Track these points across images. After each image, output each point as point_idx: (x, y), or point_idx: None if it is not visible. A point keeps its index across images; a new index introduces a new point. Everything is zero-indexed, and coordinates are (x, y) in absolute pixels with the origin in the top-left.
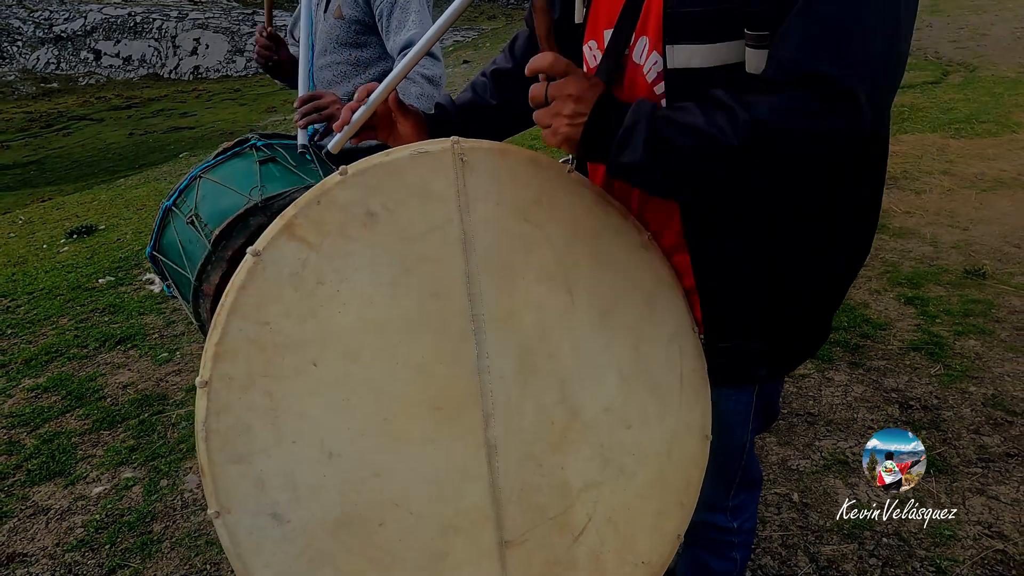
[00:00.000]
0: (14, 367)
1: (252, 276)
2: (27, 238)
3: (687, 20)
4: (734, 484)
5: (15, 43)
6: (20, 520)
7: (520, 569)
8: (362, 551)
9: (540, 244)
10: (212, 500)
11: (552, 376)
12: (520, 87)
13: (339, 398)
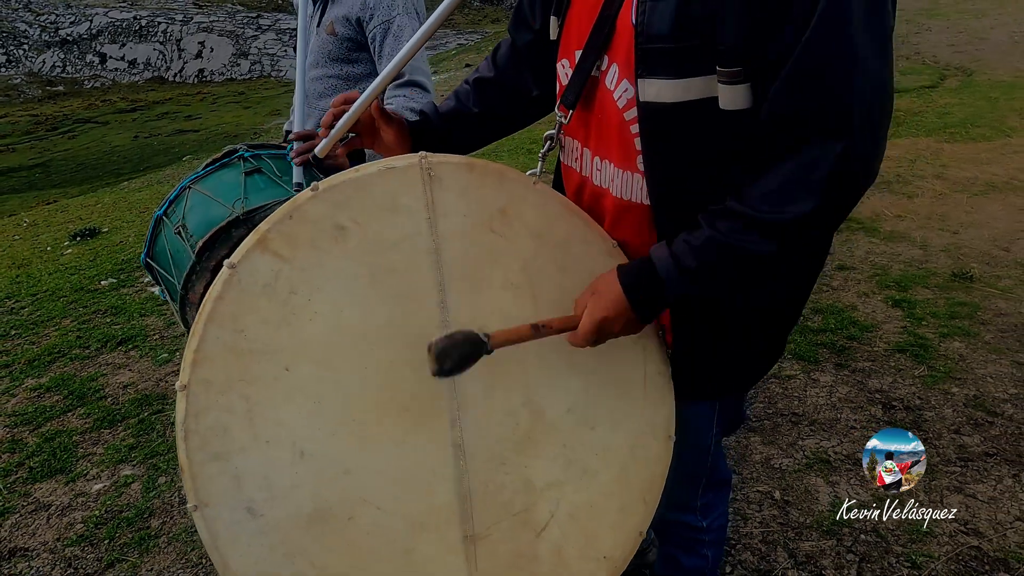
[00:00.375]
0: (17, 367)
1: (228, 287)
2: (31, 240)
3: (657, 55)
4: (701, 485)
5: (21, 46)
6: (22, 516)
7: (485, 562)
8: (333, 545)
9: (506, 253)
10: (191, 495)
11: (517, 380)
12: (501, 96)
13: (311, 401)
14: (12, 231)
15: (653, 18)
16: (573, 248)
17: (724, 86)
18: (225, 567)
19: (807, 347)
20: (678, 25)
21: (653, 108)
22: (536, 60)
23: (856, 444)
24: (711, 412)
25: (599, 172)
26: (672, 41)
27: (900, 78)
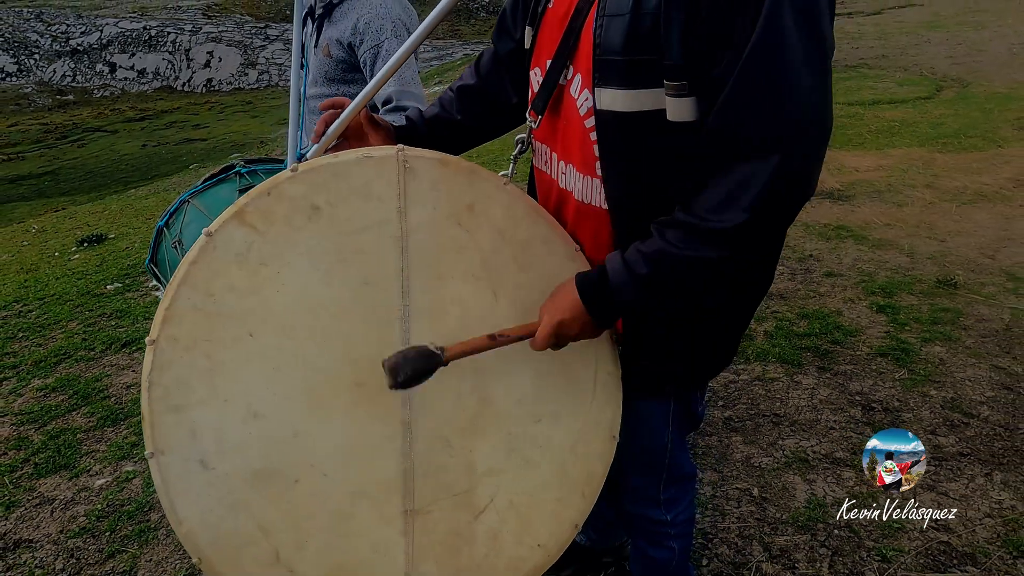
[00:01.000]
0: (24, 368)
1: (203, 253)
2: (40, 246)
3: (611, 66)
4: (662, 479)
5: (32, 56)
6: (27, 509)
7: (422, 537)
8: (276, 503)
9: (469, 247)
10: (149, 442)
11: (470, 367)
12: (483, 103)
13: (270, 367)
14: (21, 237)
15: (608, 33)
16: (534, 248)
17: (671, 98)
18: (172, 511)
19: (791, 351)
20: (629, 41)
21: (607, 116)
22: (516, 68)
23: (834, 444)
24: (665, 411)
25: (564, 176)
26: (624, 54)
27: (897, 89)
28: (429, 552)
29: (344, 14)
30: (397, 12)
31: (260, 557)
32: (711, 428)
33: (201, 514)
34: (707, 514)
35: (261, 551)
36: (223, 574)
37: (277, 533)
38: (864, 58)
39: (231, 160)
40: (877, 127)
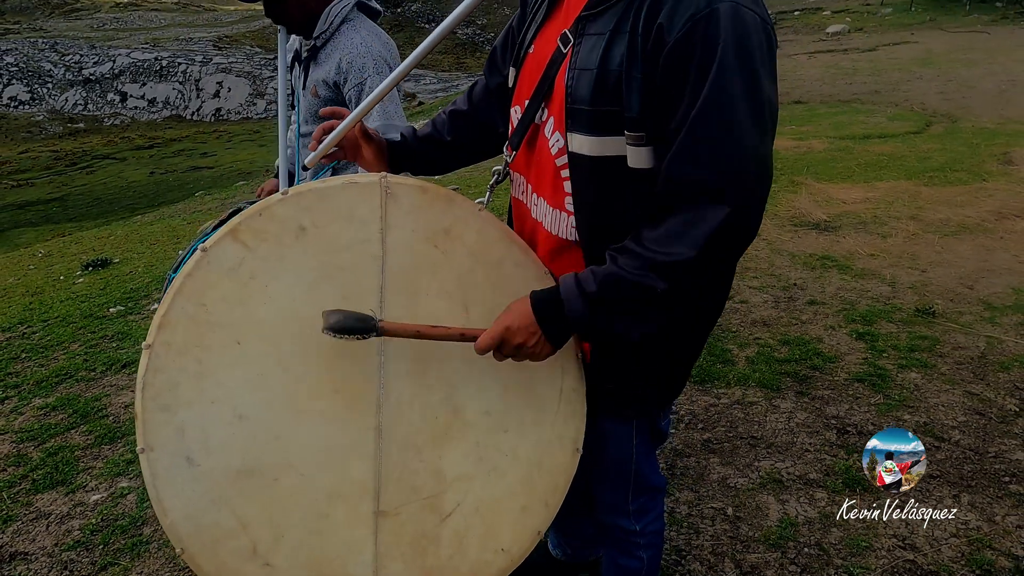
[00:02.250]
0: (26, 387)
1: (198, 267)
2: (45, 270)
3: (580, 114)
4: (629, 491)
5: (45, 85)
6: (23, 523)
7: (390, 537)
8: (256, 500)
9: (444, 267)
10: (140, 439)
11: (441, 379)
12: (473, 127)
13: (255, 372)
14: (27, 261)
15: (578, 84)
16: (506, 269)
17: (631, 147)
18: (159, 503)
19: (771, 376)
20: (596, 93)
21: (577, 158)
22: (504, 100)
23: (808, 466)
24: (628, 429)
25: (536, 207)
26: (591, 105)
27: (887, 124)
28: (397, 552)
29: (328, 55)
30: (378, 49)
31: (239, 550)
32: (689, 449)
33: (185, 507)
34: (682, 532)
35: (240, 544)
36: (203, 565)
37: (256, 528)
38: (857, 93)
39: (238, 205)
40: (866, 161)
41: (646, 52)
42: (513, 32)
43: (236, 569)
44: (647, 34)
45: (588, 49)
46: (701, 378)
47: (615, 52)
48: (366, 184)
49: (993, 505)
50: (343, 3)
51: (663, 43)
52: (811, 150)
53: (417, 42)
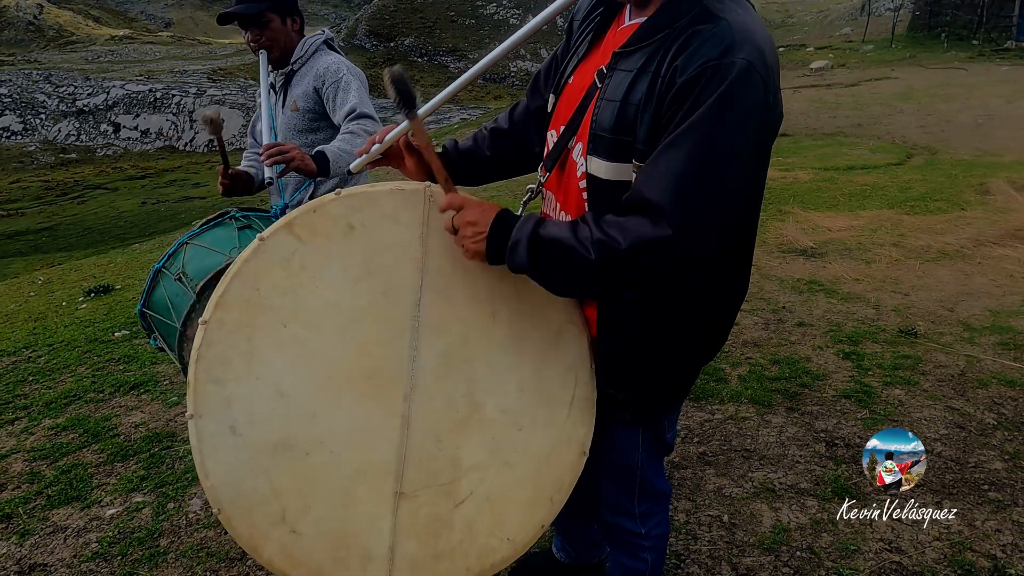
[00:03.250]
0: (35, 409)
1: (255, 254)
2: (47, 297)
3: (601, 140)
4: (635, 495)
5: (39, 116)
6: (40, 537)
7: (407, 517)
8: (289, 472)
9: (477, 274)
10: (191, 406)
11: (464, 376)
12: (511, 145)
13: (297, 354)
14: (27, 288)
15: (602, 113)
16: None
17: (637, 175)
18: (202, 466)
19: (762, 393)
20: (616, 123)
21: (594, 179)
22: (542, 123)
23: (799, 476)
24: (636, 437)
25: None
26: (611, 133)
27: (870, 156)
28: (412, 531)
29: (303, 75)
30: (348, 63)
31: (270, 515)
32: (686, 462)
33: (226, 472)
34: (680, 538)
35: (271, 510)
36: (237, 527)
37: (286, 497)
38: (841, 127)
39: (227, 210)
40: (850, 191)
41: (660, 91)
42: (557, 60)
43: (265, 532)
44: (666, 75)
45: (617, 83)
46: (696, 395)
47: (638, 88)
48: (412, 191)
49: (973, 511)
50: (315, 38)
51: (674, 84)
52: (797, 180)
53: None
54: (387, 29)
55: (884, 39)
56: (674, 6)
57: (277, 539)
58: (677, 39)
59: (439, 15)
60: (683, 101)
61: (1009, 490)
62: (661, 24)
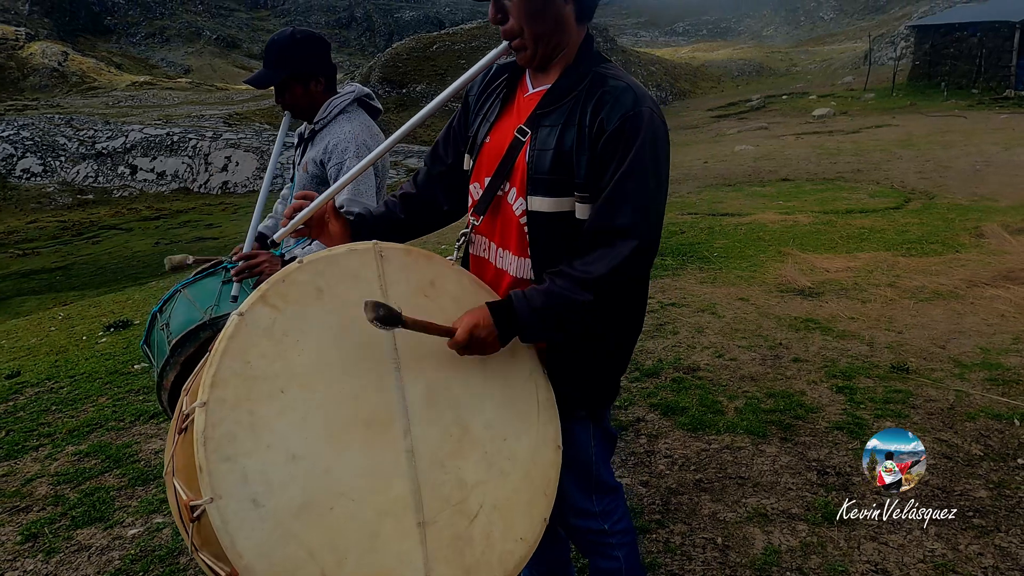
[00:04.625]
0: (59, 436)
1: (238, 329)
2: (67, 331)
3: (540, 181)
4: (593, 491)
5: (58, 158)
6: (65, 555)
7: (433, 543)
8: (317, 529)
9: (435, 311)
10: (207, 490)
11: (449, 402)
12: (421, 207)
13: (299, 416)
14: (48, 323)
15: (539, 161)
16: None
17: (579, 204)
18: (232, 548)
19: (758, 424)
20: (553, 166)
21: (536, 215)
22: (445, 184)
23: (791, 502)
24: (588, 430)
25: (501, 259)
26: (549, 175)
27: (868, 200)
28: (441, 555)
29: (322, 138)
30: (363, 137)
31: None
32: (683, 488)
33: (258, 547)
34: (676, 559)
35: (310, 571)
36: None
37: (321, 554)
38: (841, 172)
39: (221, 257)
40: (848, 233)
41: (591, 137)
42: (454, 130)
43: None
44: (591, 126)
45: (545, 136)
46: (693, 426)
47: (568, 138)
48: (363, 250)
49: (958, 536)
50: (342, 97)
51: (603, 131)
52: (797, 223)
53: None
54: (400, 76)
55: (885, 87)
56: (571, 74)
57: None
58: (589, 99)
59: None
60: (618, 144)
61: (993, 517)
62: (565, 88)
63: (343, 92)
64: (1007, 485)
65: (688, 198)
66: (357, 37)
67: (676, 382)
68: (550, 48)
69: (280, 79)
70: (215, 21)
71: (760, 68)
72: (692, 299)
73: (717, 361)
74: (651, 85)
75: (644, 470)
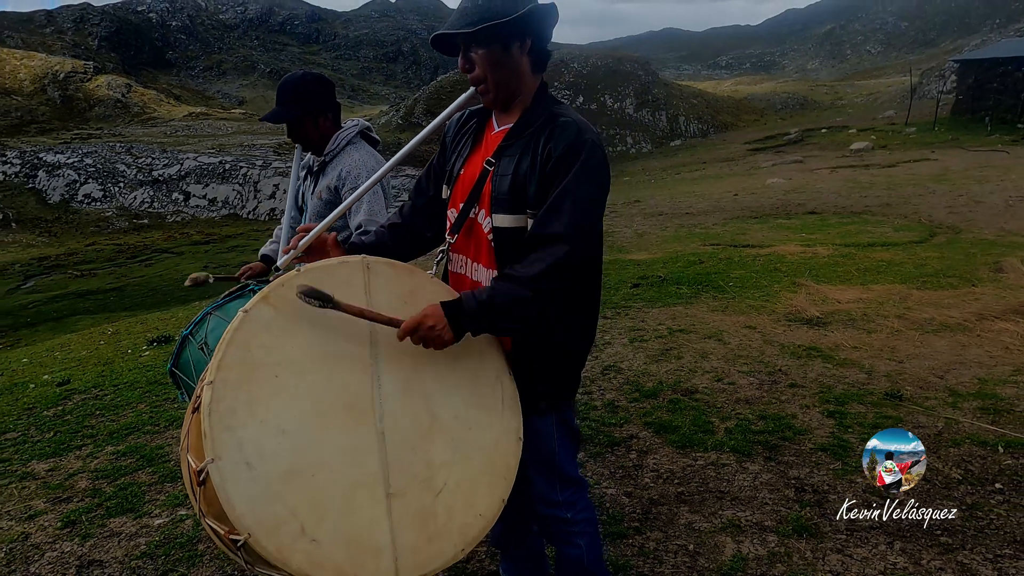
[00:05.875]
0: (100, 438)
1: (242, 323)
2: (114, 345)
3: (502, 202)
4: (557, 481)
5: (117, 184)
6: (98, 540)
7: (400, 512)
8: (300, 492)
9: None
10: (209, 451)
11: (421, 394)
12: (406, 235)
13: (290, 397)
14: (98, 338)
15: (501, 185)
16: None
17: (530, 220)
18: (228, 501)
19: (744, 443)
20: (511, 188)
21: (500, 230)
22: (428, 213)
23: (765, 515)
24: (550, 422)
25: (475, 272)
26: (508, 196)
27: (892, 234)
28: (407, 523)
29: (333, 167)
30: (372, 164)
31: (291, 531)
32: (663, 499)
33: (248, 502)
34: (648, 562)
35: (292, 527)
36: (266, 546)
37: (302, 513)
38: (869, 205)
39: (247, 282)
40: (866, 266)
41: (541, 163)
42: (434, 168)
43: (291, 546)
44: (543, 154)
45: (506, 165)
46: (683, 443)
47: (523, 165)
48: (354, 263)
49: (922, 552)
50: (348, 131)
51: (551, 158)
52: (815, 255)
53: None
54: (442, 108)
55: (927, 122)
56: (530, 114)
57: (302, 550)
58: (541, 134)
59: None
60: (560, 166)
61: (960, 536)
62: (524, 125)
63: (347, 126)
64: (980, 507)
65: (713, 229)
66: (403, 71)
67: (673, 403)
68: (509, 92)
69: (295, 116)
70: (269, 55)
71: (804, 102)
72: (701, 326)
73: (716, 384)
74: (692, 118)
75: (630, 482)
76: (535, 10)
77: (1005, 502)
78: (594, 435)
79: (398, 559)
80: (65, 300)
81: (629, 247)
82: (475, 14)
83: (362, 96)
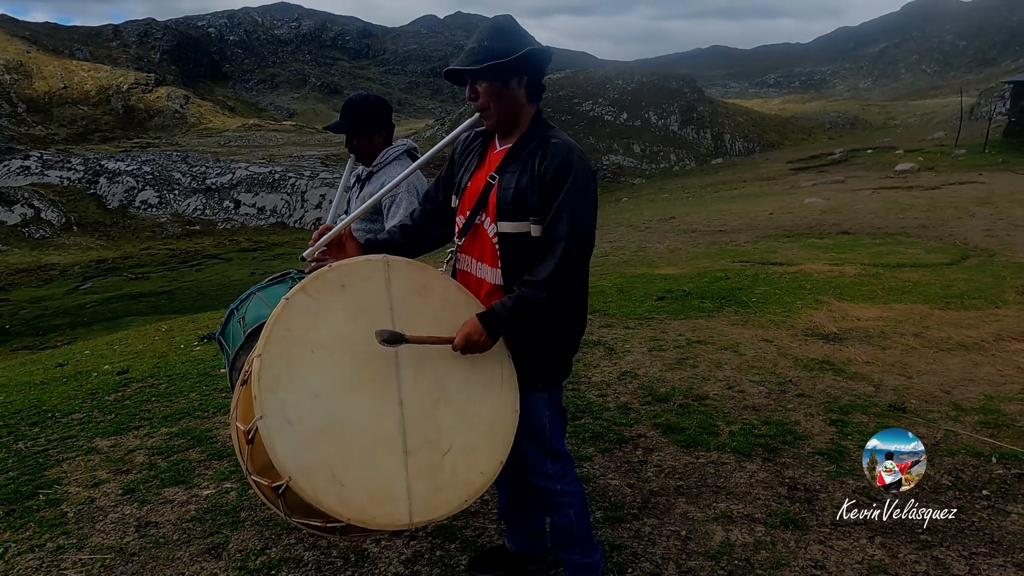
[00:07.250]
0: (156, 420)
1: (284, 309)
2: (168, 340)
3: (506, 211)
4: (547, 454)
5: (172, 191)
6: (154, 505)
7: (413, 466)
8: (332, 445)
9: (427, 306)
10: (258, 410)
11: (433, 371)
12: (417, 236)
13: (323, 369)
14: (153, 334)
15: (504, 197)
16: (460, 308)
17: (533, 226)
18: (272, 451)
19: (746, 445)
20: (513, 199)
21: (504, 235)
22: (436, 218)
23: (756, 508)
24: (542, 400)
25: (480, 270)
26: (511, 206)
27: (924, 255)
28: (419, 475)
29: (379, 178)
30: (412, 179)
31: (324, 476)
32: (663, 491)
33: (290, 452)
34: (641, 543)
35: (325, 473)
36: (304, 488)
37: (333, 462)
38: (905, 227)
39: (287, 271)
40: (891, 286)
41: (539, 178)
42: (443, 180)
43: (324, 488)
44: (539, 170)
45: (508, 180)
46: (687, 443)
47: (523, 180)
48: (376, 260)
49: (900, 547)
50: (395, 149)
51: (547, 173)
52: (842, 274)
53: None
54: None
55: (978, 144)
56: (526, 137)
57: (333, 492)
58: (536, 153)
59: None
60: (557, 180)
61: (940, 534)
62: (522, 147)
63: (396, 144)
64: (964, 511)
65: (744, 247)
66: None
67: (683, 407)
68: (508, 119)
69: (354, 129)
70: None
71: (855, 121)
72: (719, 338)
73: (726, 392)
74: (738, 136)
75: (633, 475)
76: (531, 52)
77: (989, 507)
78: (604, 432)
79: (412, 504)
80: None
81: (659, 262)
82: (480, 54)
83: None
